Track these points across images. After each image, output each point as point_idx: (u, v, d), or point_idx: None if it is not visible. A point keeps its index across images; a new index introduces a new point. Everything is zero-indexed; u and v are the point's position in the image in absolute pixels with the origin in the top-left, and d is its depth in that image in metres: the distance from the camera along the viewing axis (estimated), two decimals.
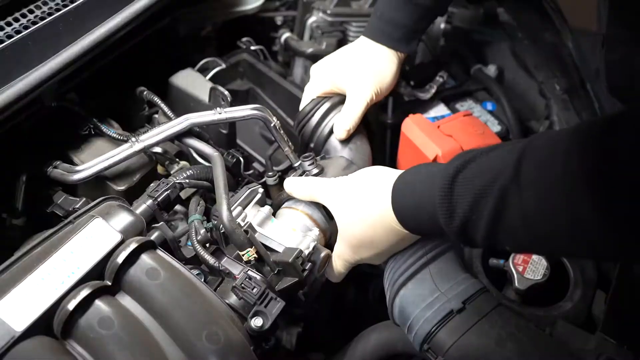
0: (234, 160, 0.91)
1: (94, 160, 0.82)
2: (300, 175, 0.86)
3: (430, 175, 0.65)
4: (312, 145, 0.97)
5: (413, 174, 0.70)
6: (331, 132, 0.95)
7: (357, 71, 0.94)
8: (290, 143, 0.91)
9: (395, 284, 0.77)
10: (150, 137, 0.83)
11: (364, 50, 0.97)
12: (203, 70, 1.14)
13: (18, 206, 0.83)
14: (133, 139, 0.82)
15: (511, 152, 0.57)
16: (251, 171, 0.99)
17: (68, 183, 0.81)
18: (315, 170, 0.86)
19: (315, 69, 0.99)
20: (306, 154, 0.88)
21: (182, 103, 1.05)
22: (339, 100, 0.95)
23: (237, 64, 1.20)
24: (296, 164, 0.88)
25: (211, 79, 1.12)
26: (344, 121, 0.92)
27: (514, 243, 0.61)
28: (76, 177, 0.81)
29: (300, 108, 0.97)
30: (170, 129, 0.84)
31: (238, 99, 1.17)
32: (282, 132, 0.89)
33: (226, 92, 0.92)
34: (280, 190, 0.92)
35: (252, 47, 1.23)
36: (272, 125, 0.88)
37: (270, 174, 0.94)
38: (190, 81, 1.07)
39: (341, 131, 0.92)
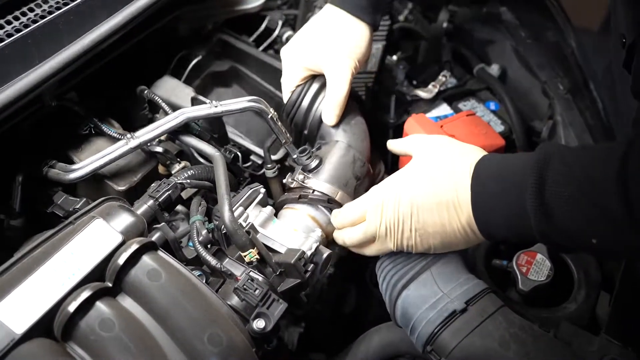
0: (232, 155, 0.91)
1: (90, 158, 0.80)
2: (301, 176, 0.85)
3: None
4: (305, 132, 0.94)
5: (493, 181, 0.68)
6: None
7: (330, 49, 0.90)
8: (288, 134, 0.90)
9: (396, 286, 0.76)
10: (146, 133, 0.82)
11: (332, 24, 0.93)
12: (179, 68, 1.11)
13: (15, 207, 0.83)
14: (128, 135, 0.81)
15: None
16: (250, 163, 0.98)
17: (64, 182, 0.80)
18: (315, 163, 0.85)
19: (286, 54, 0.95)
20: (302, 149, 0.87)
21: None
22: (324, 81, 0.92)
23: (213, 45, 1.16)
24: (294, 156, 0.87)
25: (190, 71, 1.09)
26: (331, 107, 0.89)
27: None
28: (72, 176, 0.79)
29: (285, 100, 0.95)
30: (166, 124, 0.83)
31: (221, 81, 1.14)
32: (279, 124, 0.88)
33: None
34: (280, 183, 0.91)
35: None
36: (269, 117, 0.87)
37: (269, 166, 0.93)
38: (170, 90, 1.03)
39: (331, 118, 0.90)
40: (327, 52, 0.90)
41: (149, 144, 0.85)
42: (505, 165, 0.68)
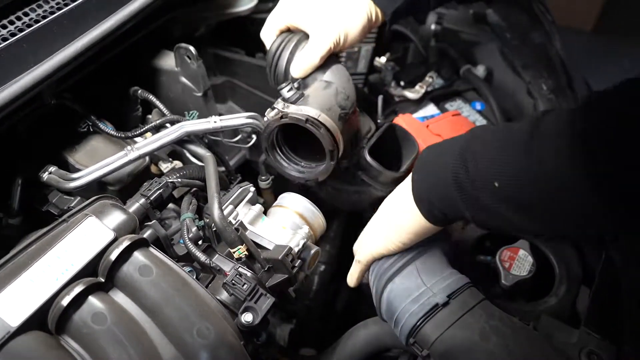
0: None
1: (89, 168, 0.83)
2: (280, 104, 0.82)
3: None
4: None
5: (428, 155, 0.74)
6: None
7: (323, 14, 0.89)
8: None
9: (382, 279, 0.79)
10: (145, 145, 0.85)
11: None
12: None
13: (14, 206, 0.85)
14: (128, 147, 0.84)
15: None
16: (239, 136, 0.97)
17: (63, 190, 0.83)
18: (295, 96, 0.82)
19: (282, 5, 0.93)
20: (283, 84, 0.84)
21: (153, 80, 1.05)
22: (304, 35, 0.91)
23: (207, 61, 1.14)
24: (278, 87, 0.85)
25: None
26: (302, 61, 0.87)
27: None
28: (72, 185, 0.82)
29: (262, 35, 0.94)
30: (165, 137, 0.86)
31: (216, 94, 1.14)
32: None
33: (191, 47, 0.90)
34: (273, 194, 0.93)
35: None
36: None
37: (263, 177, 0.96)
38: (155, 56, 1.06)
39: (298, 70, 0.88)
40: (319, 14, 0.89)
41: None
42: (439, 145, 0.74)
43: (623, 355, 0.79)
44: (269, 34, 0.95)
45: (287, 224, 0.84)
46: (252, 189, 0.86)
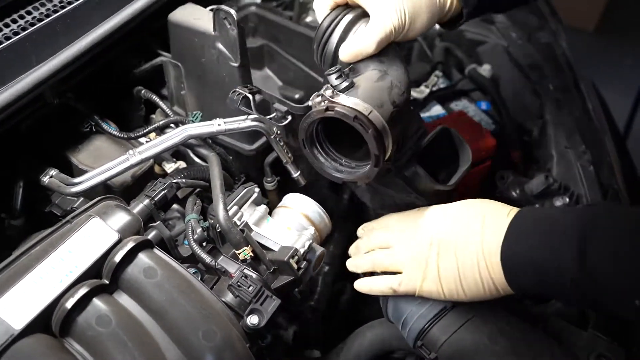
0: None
1: (91, 173, 0.82)
2: (329, 91, 0.71)
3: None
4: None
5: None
6: None
7: None
8: (289, 154, 0.87)
9: None
10: (148, 149, 0.83)
11: None
12: None
13: (16, 207, 0.84)
14: (130, 151, 0.82)
15: None
16: (274, 114, 0.85)
17: (64, 195, 0.82)
18: (344, 84, 0.72)
19: None
20: (332, 68, 0.73)
21: (185, 41, 0.94)
22: (362, 12, 0.79)
23: (246, 19, 1.08)
24: (326, 72, 0.74)
25: None
26: (354, 44, 0.75)
27: None
28: (73, 190, 0.81)
29: (315, 5, 0.83)
30: (168, 140, 0.83)
31: (252, 58, 1.00)
32: (281, 143, 0.86)
33: (232, 11, 0.82)
34: (278, 196, 0.92)
35: None
36: (272, 137, 0.85)
37: (268, 179, 0.94)
38: (190, 14, 0.93)
39: (347, 53, 0.75)
40: None
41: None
42: (544, 216, 0.68)
43: (632, 358, 0.78)
44: (322, 7, 0.81)
45: (292, 225, 0.83)
46: (257, 189, 0.85)
